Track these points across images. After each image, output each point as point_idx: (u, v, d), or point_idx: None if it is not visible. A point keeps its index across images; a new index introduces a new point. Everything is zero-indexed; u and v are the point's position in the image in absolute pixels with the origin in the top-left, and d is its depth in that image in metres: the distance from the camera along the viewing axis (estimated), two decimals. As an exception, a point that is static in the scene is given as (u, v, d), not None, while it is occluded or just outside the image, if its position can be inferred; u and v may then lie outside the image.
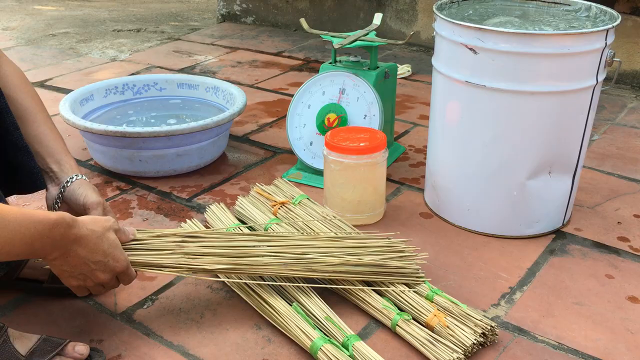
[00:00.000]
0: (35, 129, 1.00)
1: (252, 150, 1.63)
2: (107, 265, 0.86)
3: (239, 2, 2.98)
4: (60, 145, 1.02)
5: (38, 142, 0.99)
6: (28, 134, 0.99)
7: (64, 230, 0.79)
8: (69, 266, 0.84)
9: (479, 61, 1.10)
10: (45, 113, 1.03)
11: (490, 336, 0.93)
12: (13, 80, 1.00)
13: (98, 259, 0.85)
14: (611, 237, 1.23)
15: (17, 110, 0.98)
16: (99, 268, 0.86)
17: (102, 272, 0.87)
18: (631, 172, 1.50)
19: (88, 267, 0.85)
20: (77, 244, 0.82)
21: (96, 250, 0.84)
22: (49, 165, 1.00)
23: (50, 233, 0.77)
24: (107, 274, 0.87)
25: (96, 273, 0.86)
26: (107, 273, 0.87)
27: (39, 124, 1.00)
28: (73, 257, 0.82)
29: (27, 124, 0.99)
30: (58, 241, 0.79)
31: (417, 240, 1.22)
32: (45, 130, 1.01)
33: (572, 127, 1.15)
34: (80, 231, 0.82)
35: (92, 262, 0.84)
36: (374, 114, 1.37)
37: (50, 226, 0.77)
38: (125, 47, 2.63)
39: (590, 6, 1.22)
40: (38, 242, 0.77)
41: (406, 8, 2.54)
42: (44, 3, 3.65)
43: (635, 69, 2.08)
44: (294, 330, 0.92)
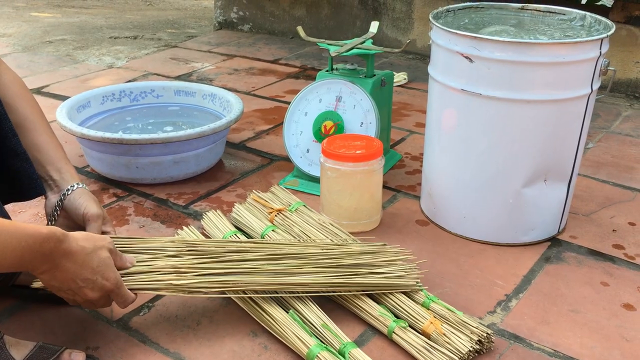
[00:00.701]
0: (35, 137, 1.00)
1: (249, 158, 1.63)
2: (95, 283, 0.85)
3: (235, 10, 2.99)
4: (60, 153, 1.02)
5: (38, 150, 0.99)
6: (28, 142, 0.99)
7: (54, 244, 0.78)
8: (57, 281, 0.83)
9: (474, 69, 1.11)
10: (45, 121, 1.03)
11: (486, 343, 0.93)
12: (13, 88, 1.00)
13: (86, 276, 0.83)
14: (606, 244, 1.24)
15: (16, 119, 0.98)
16: (87, 285, 0.84)
17: (91, 290, 0.85)
18: (626, 180, 1.51)
19: (76, 284, 0.83)
20: (65, 258, 0.80)
21: (84, 266, 0.83)
22: (49, 173, 0.99)
23: (40, 247, 0.76)
24: (96, 292, 0.86)
25: (84, 290, 0.84)
26: (95, 291, 0.85)
27: (39, 133, 1.00)
28: (61, 272, 0.81)
29: (27, 132, 0.99)
30: (47, 255, 0.78)
31: (413, 248, 1.22)
32: (45, 138, 1.01)
33: (567, 135, 1.16)
34: (71, 246, 0.81)
35: (80, 279, 0.83)
36: (370, 121, 1.37)
37: (41, 240, 0.76)
38: (122, 54, 2.63)
39: (585, 15, 1.23)
40: (28, 256, 0.76)
41: (402, 16, 2.55)
42: (41, 10, 3.66)
43: (629, 78, 2.10)
44: (291, 338, 0.92)
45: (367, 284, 0.99)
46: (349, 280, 0.98)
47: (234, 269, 0.95)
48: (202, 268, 0.94)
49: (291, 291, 0.97)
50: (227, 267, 0.95)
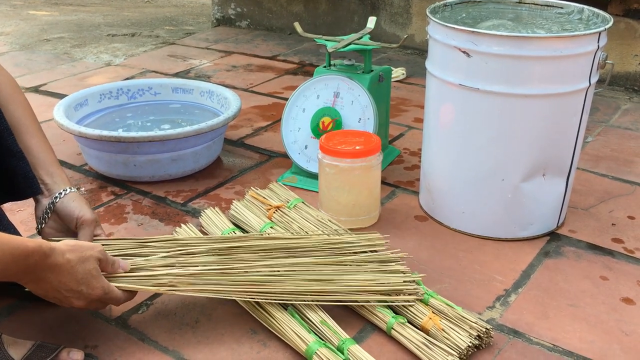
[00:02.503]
0: (27, 140, 0.99)
1: (247, 154, 1.63)
2: (80, 293, 0.85)
3: (233, 6, 2.98)
4: (52, 157, 1.02)
5: (29, 153, 0.98)
6: (20, 145, 0.98)
7: (39, 258, 0.78)
8: (42, 290, 0.83)
9: (472, 64, 1.11)
10: (37, 124, 1.02)
11: (485, 339, 0.93)
12: (6, 89, 1.00)
13: (70, 287, 0.83)
14: (605, 238, 1.24)
15: (9, 121, 0.97)
16: (72, 295, 0.84)
17: (76, 300, 0.85)
18: (625, 174, 1.51)
19: (60, 294, 0.84)
20: (49, 271, 0.80)
21: (69, 279, 0.83)
22: (40, 177, 0.99)
23: (25, 261, 0.76)
24: (81, 301, 0.86)
25: (70, 300, 0.85)
26: (80, 300, 0.86)
27: (31, 136, 1.00)
28: (45, 283, 0.81)
29: (19, 135, 0.98)
30: (31, 268, 0.78)
31: (412, 244, 1.22)
32: (37, 141, 1.00)
33: (565, 130, 1.16)
34: (56, 260, 0.80)
35: (64, 290, 0.83)
36: (368, 117, 1.37)
37: (26, 254, 0.76)
38: (120, 51, 2.62)
39: (582, 9, 1.23)
40: (12, 268, 0.76)
41: (400, 11, 2.54)
42: (39, 8, 3.65)
43: (628, 71, 2.09)
44: (289, 335, 0.92)
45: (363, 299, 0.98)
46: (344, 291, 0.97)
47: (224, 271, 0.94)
48: (195, 267, 0.94)
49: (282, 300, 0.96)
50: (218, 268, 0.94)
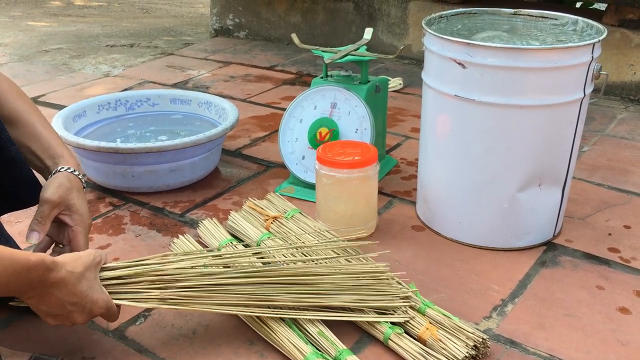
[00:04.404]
0: (29, 128, 0.99)
1: (245, 165, 1.63)
2: (84, 307, 0.85)
3: (231, 17, 3.00)
4: (55, 140, 1.01)
5: (34, 140, 0.99)
6: (23, 133, 0.98)
7: (42, 273, 0.77)
8: (46, 306, 0.82)
9: (468, 75, 1.11)
10: (37, 112, 1.03)
11: (482, 349, 0.93)
12: (2, 85, 1.00)
13: (75, 301, 0.83)
14: (602, 248, 1.24)
15: (9, 113, 0.98)
16: (76, 310, 0.84)
17: (80, 314, 0.85)
18: (621, 183, 1.51)
19: (65, 309, 0.83)
20: (54, 287, 0.80)
21: (74, 292, 0.82)
22: (43, 160, 0.99)
23: (27, 275, 0.76)
24: (85, 316, 0.86)
25: (73, 315, 0.84)
26: (84, 315, 0.85)
27: (33, 124, 1.00)
28: (49, 298, 0.81)
29: (21, 124, 0.99)
30: (35, 283, 0.78)
31: (409, 253, 1.22)
32: (39, 128, 1.00)
33: (561, 140, 1.17)
34: (59, 274, 0.80)
35: (68, 304, 0.83)
36: (365, 127, 1.38)
37: (28, 268, 0.75)
38: (119, 62, 2.64)
39: (577, 20, 1.24)
40: (14, 283, 0.75)
41: (397, 22, 2.56)
42: (37, 19, 3.67)
43: (624, 81, 2.10)
44: (287, 346, 0.92)
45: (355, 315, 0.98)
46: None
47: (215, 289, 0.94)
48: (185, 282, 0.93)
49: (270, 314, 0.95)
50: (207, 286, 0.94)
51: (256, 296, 0.94)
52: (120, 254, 1.23)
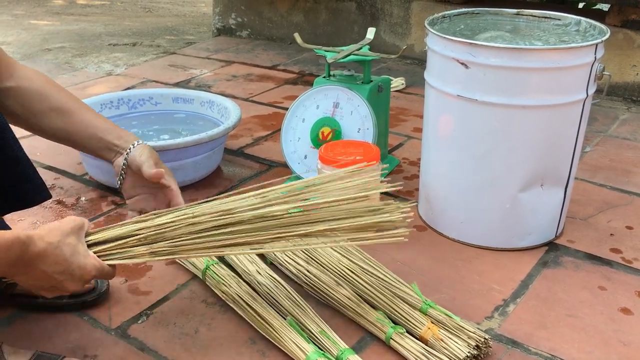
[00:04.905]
0: (81, 116, 1.01)
1: (247, 164, 1.63)
2: (73, 274, 0.84)
3: (234, 16, 3.00)
4: (110, 123, 1.04)
5: (89, 126, 1.00)
6: (75, 122, 1.00)
7: (19, 249, 0.77)
8: (34, 280, 0.82)
9: (470, 75, 1.11)
10: (80, 102, 1.04)
11: (483, 349, 0.93)
12: (40, 78, 1.01)
13: (61, 270, 0.82)
14: (604, 248, 1.24)
15: (53, 104, 0.99)
16: (66, 278, 0.83)
17: (71, 282, 0.84)
18: (623, 184, 1.51)
19: (54, 280, 0.83)
20: (36, 260, 0.79)
21: (57, 261, 0.82)
22: (111, 141, 1.01)
23: (6, 254, 0.75)
24: (77, 282, 0.85)
25: (65, 284, 0.84)
26: (76, 281, 0.85)
27: (83, 111, 1.02)
28: (35, 273, 0.81)
29: (71, 113, 1.00)
30: (15, 261, 0.77)
31: (411, 253, 1.22)
32: (91, 115, 1.02)
33: (563, 140, 1.17)
34: (37, 247, 0.79)
35: (56, 274, 0.82)
36: (367, 127, 1.38)
37: (5, 247, 0.75)
38: (121, 61, 2.64)
39: (580, 21, 1.24)
40: None
41: (400, 22, 2.56)
42: (40, 18, 3.67)
43: (626, 81, 2.10)
44: (288, 344, 0.92)
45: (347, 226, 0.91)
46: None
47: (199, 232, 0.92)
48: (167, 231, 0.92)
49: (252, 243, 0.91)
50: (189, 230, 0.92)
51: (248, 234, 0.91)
52: (122, 252, 1.23)
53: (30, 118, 1.00)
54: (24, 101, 0.98)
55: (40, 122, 1.00)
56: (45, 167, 1.62)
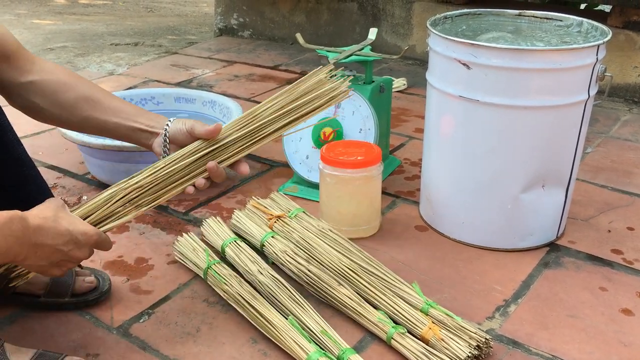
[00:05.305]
0: (108, 104, 0.99)
1: (249, 164, 1.62)
2: (78, 241, 0.85)
3: (236, 16, 3.00)
4: (139, 108, 1.02)
5: (118, 112, 0.98)
6: (104, 109, 0.98)
7: (20, 223, 0.77)
8: (44, 259, 0.82)
9: (472, 76, 1.12)
10: (104, 90, 1.02)
11: (484, 349, 0.93)
12: (61, 70, 0.99)
13: (66, 239, 0.83)
14: (605, 249, 1.24)
15: (80, 93, 0.97)
16: (72, 247, 0.84)
17: (78, 250, 0.85)
18: (625, 185, 1.51)
19: (62, 252, 0.83)
20: (38, 234, 0.80)
21: (59, 232, 0.82)
22: (144, 123, 0.98)
23: (10, 230, 0.76)
24: (84, 250, 0.86)
25: (72, 253, 0.84)
26: (82, 249, 0.86)
27: (109, 99, 0.99)
28: (42, 249, 0.81)
29: (98, 101, 0.98)
30: (21, 237, 0.77)
31: (412, 253, 1.23)
32: (117, 102, 1.00)
33: (564, 141, 1.17)
34: (35, 222, 0.80)
35: (62, 245, 0.83)
36: (369, 127, 1.38)
37: (6, 222, 0.75)
38: (123, 60, 2.64)
39: (581, 22, 1.24)
40: (2, 242, 0.75)
41: (402, 22, 2.56)
42: (42, 17, 3.68)
43: (628, 82, 2.10)
44: (290, 344, 0.93)
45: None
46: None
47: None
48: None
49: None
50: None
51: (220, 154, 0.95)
52: (124, 251, 1.23)
53: (58, 110, 0.97)
54: (49, 94, 0.96)
55: (69, 113, 0.98)
56: (48, 166, 1.62)
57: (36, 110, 0.97)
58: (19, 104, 0.97)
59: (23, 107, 0.98)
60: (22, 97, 0.96)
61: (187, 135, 0.96)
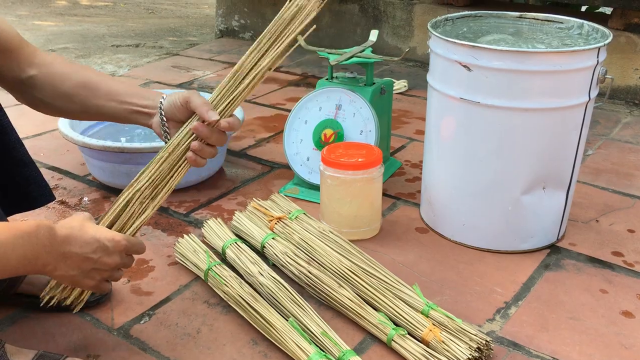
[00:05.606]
0: (106, 87, 0.97)
1: (250, 165, 1.64)
2: (107, 249, 0.83)
3: (237, 18, 3.00)
4: (135, 87, 1.00)
5: (115, 95, 0.96)
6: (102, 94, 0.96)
7: (47, 232, 0.77)
8: (75, 269, 0.81)
9: (473, 78, 1.12)
10: (102, 73, 1.01)
11: (485, 351, 0.93)
12: (59, 60, 0.99)
13: (95, 247, 0.82)
14: (605, 251, 1.24)
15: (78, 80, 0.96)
16: (102, 255, 0.83)
17: (108, 257, 0.84)
18: (625, 187, 1.51)
19: (92, 260, 0.82)
20: (66, 244, 0.80)
21: (87, 240, 0.82)
22: (139, 103, 0.96)
23: (37, 239, 0.75)
24: (114, 256, 0.84)
25: (102, 260, 0.83)
26: (113, 255, 0.84)
27: (107, 82, 0.98)
28: (71, 258, 0.80)
29: (94, 88, 0.96)
30: (48, 246, 0.77)
31: (413, 255, 1.23)
32: (115, 83, 0.98)
33: (565, 143, 1.17)
34: (62, 231, 0.80)
35: (91, 253, 0.82)
36: (370, 129, 1.38)
37: (33, 232, 0.75)
38: (124, 62, 2.65)
39: (582, 24, 1.24)
40: (30, 251, 0.75)
41: (403, 24, 2.56)
42: (44, 18, 3.68)
43: (629, 85, 2.10)
44: (290, 346, 0.93)
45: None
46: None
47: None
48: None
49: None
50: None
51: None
52: (125, 253, 1.23)
53: (60, 102, 0.97)
54: (49, 87, 0.96)
55: (70, 103, 0.97)
56: (49, 167, 1.63)
57: (42, 104, 0.97)
58: (26, 100, 0.98)
59: (30, 103, 0.98)
60: (28, 93, 0.96)
61: (183, 109, 0.93)
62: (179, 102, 0.93)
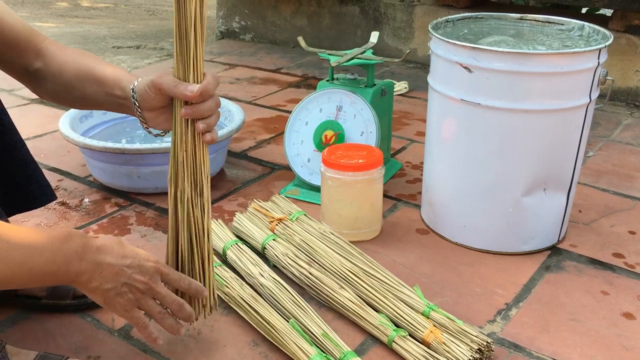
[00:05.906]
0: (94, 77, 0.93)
1: (250, 167, 1.64)
2: (141, 266, 0.81)
3: (237, 20, 3.01)
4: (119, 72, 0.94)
5: (104, 83, 0.93)
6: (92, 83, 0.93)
7: (80, 239, 0.75)
8: (108, 281, 0.78)
9: (474, 80, 1.12)
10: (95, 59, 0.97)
11: (486, 352, 0.93)
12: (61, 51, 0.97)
13: (130, 262, 0.80)
14: (606, 253, 1.24)
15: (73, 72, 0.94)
16: (134, 271, 0.80)
17: (141, 275, 0.81)
18: (626, 189, 1.51)
19: (126, 275, 0.79)
20: (101, 252, 0.77)
21: (123, 253, 0.80)
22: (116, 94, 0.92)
23: (67, 246, 0.74)
24: (145, 275, 0.81)
25: (135, 276, 0.80)
26: (144, 274, 0.81)
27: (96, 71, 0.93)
28: (107, 268, 0.78)
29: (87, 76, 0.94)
30: (81, 253, 0.75)
31: (414, 257, 1.22)
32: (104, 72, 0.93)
33: (566, 145, 1.17)
34: (97, 241, 0.78)
35: (126, 267, 0.79)
36: (370, 131, 1.38)
37: (63, 239, 0.74)
38: (125, 63, 2.65)
39: (583, 25, 1.24)
40: (60, 257, 0.73)
41: (403, 26, 2.56)
42: (45, 20, 3.68)
43: (629, 86, 2.10)
44: (291, 347, 0.93)
45: None
46: None
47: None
48: None
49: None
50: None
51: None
52: (125, 254, 1.23)
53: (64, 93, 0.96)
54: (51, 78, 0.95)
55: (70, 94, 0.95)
56: (50, 168, 1.63)
57: (50, 95, 0.97)
58: (38, 92, 0.98)
59: (43, 94, 0.98)
60: (37, 85, 0.97)
61: (158, 97, 0.86)
62: (151, 92, 0.86)
